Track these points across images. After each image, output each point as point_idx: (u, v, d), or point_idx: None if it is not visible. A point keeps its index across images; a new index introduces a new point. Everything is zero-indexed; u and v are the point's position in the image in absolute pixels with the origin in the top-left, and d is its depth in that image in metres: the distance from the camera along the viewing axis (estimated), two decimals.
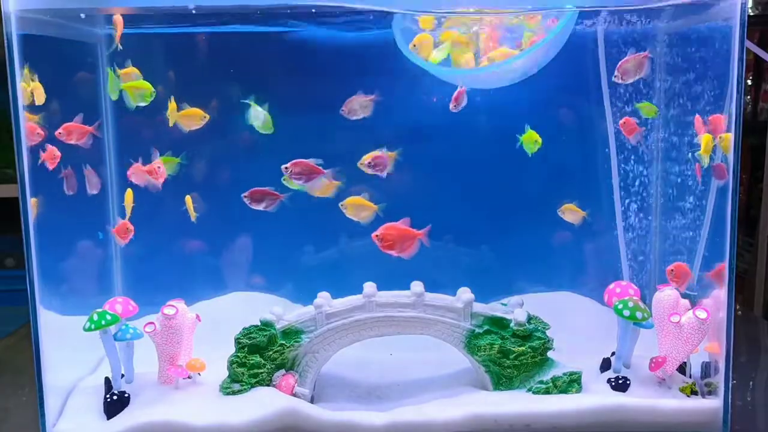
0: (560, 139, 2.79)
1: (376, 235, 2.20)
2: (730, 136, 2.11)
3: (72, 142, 2.31)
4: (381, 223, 2.27)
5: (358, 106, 2.38)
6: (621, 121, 2.53)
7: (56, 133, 2.27)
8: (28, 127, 2.09)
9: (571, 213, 2.56)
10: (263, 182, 2.67)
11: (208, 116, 2.39)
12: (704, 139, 2.23)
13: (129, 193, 2.45)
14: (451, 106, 2.45)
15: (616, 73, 2.40)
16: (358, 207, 2.32)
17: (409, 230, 2.20)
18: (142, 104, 2.34)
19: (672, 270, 2.37)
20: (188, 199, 2.49)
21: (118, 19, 2.32)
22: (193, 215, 2.50)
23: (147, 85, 2.34)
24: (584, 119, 2.87)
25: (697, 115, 2.37)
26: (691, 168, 2.58)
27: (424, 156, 2.75)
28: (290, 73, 2.80)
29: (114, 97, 2.38)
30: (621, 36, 2.77)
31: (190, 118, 2.39)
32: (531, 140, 2.45)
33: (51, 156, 2.25)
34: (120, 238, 2.43)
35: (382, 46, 2.64)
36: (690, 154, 2.55)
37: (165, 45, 2.79)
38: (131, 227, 2.43)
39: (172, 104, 2.37)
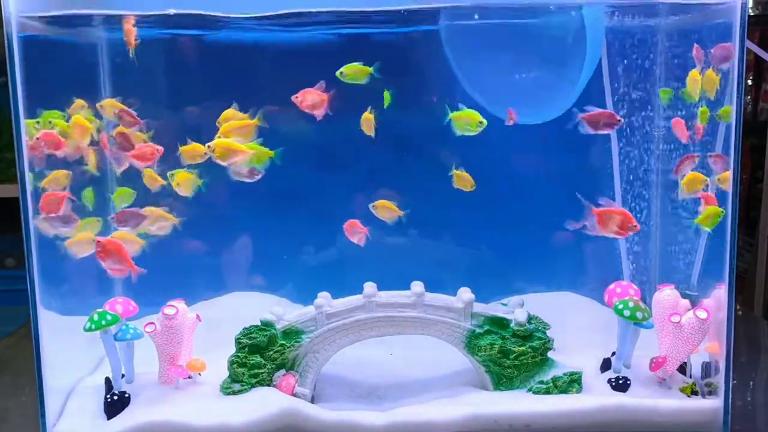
0: (560, 138, 2.79)
1: (99, 241, 2.24)
2: (729, 175, 2.14)
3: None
4: None
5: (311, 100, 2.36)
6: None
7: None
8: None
9: (386, 210, 2.48)
10: (263, 182, 2.67)
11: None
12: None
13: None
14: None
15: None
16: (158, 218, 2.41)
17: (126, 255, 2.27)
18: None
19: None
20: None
21: (130, 29, 2.33)
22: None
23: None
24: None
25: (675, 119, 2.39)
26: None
27: (425, 156, 2.75)
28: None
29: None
30: (621, 35, 2.77)
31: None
32: (470, 121, 2.33)
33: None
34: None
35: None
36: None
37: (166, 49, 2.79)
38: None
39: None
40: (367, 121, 2.40)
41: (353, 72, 2.31)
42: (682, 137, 2.40)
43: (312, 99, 2.33)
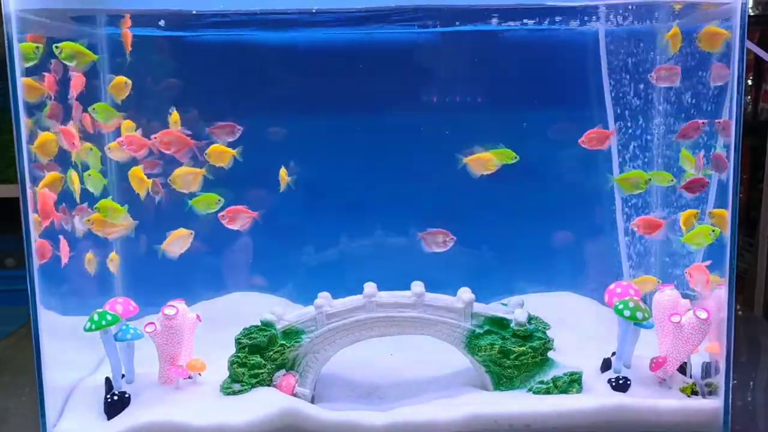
0: (560, 138, 2.80)
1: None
2: (726, 213, 2.15)
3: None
4: None
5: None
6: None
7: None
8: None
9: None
10: (263, 182, 2.68)
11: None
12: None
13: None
14: None
15: (652, 74, 2.38)
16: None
17: None
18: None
19: None
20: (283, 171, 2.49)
21: (126, 33, 2.35)
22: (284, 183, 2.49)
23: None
24: (585, 118, 2.86)
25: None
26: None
27: (426, 157, 2.75)
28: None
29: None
30: (621, 36, 2.77)
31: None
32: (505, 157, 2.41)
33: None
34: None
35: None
36: None
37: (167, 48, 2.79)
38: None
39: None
40: None
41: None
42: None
43: (169, 140, 2.36)
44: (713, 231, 2.24)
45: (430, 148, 2.84)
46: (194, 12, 2.38)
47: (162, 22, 2.46)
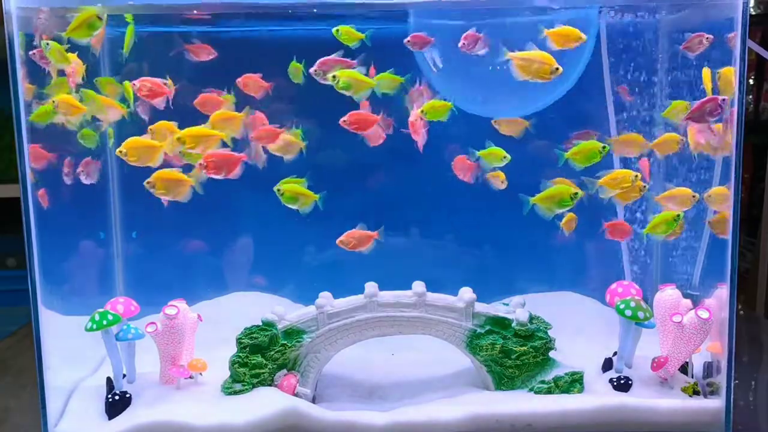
0: (561, 135, 2.79)
1: None
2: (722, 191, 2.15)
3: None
4: None
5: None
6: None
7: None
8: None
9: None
10: (263, 181, 2.67)
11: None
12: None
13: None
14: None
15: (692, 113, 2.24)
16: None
17: None
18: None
19: None
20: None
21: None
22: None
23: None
24: (586, 114, 2.86)
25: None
26: (692, 165, 2.58)
27: (426, 156, 2.75)
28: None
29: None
30: (623, 34, 2.77)
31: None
32: (496, 157, 2.46)
33: None
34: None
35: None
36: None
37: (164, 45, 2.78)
38: None
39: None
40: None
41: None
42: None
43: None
44: (677, 216, 2.27)
45: (431, 147, 2.84)
46: (195, 12, 2.37)
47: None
